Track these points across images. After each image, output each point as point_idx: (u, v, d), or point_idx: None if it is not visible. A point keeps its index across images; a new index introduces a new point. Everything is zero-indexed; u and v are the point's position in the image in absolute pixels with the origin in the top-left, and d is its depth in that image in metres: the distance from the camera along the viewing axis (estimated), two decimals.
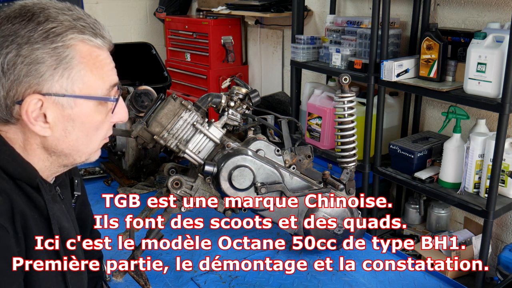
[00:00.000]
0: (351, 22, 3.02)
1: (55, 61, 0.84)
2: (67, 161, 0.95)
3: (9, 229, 0.82)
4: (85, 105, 0.89)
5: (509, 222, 2.70)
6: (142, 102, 1.94)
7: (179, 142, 1.39)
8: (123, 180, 2.03)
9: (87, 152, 0.96)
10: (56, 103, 0.86)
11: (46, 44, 0.84)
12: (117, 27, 5.00)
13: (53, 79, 0.85)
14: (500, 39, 2.18)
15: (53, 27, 0.84)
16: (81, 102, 0.88)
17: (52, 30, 0.84)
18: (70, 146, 0.92)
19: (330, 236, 1.47)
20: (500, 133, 2.18)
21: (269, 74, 4.39)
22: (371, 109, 2.77)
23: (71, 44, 0.86)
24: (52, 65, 0.84)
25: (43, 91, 0.85)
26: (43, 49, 0.83)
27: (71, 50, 0.86)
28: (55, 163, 0.94)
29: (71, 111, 0.88)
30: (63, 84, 0.86)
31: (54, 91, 0.85)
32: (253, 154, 1.38)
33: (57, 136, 0.89)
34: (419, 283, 1.43)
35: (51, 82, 0.85)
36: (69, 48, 0.85)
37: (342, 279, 1.44)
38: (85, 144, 0.93)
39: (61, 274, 0.94)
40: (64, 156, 0.93)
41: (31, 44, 0.83)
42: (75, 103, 0.88)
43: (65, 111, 0.87)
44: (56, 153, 0.92)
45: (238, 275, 1.45)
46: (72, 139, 0.91)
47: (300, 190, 1.43)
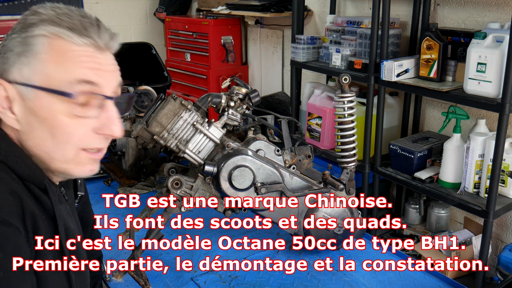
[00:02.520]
0: (351, 22, 3.02)
1: (21, 49, 0.86)
2: (45, 165, 0.91)
3: (21, 229, 0.83)
4: (46, 99, 0.85)
5: (509, 222, 2.70)
6: (142, 102, 1.95)
7: (179, 142, 1.39)
8: (123, 180, 2.03)
9: (60, 159, 0.90)
10: (19, 93, 0.86)
11: (20, 34, 0.86)
12: (117, 27, 5.00)
13: (14, 65, 0.86)
14: (500, 39, 2.18)
15: (31, 19, 0.87)
16: (40, 95, 0.85)
17: (28, 22, 0.87)
18: (37, 145, 0.89)
19: (330, 236, 1.47)
20: (500, 133, 2.18)
21: (269, 74, 4.39)
22: (371, 109, 2.77)
23: (41, 34, 0.85)
24: (18, 52, 0.86)
25: (9, 78, 0.86)
26: (16, 38, 0.86)
27: (39, 40, 0.85)
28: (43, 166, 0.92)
29: (32, 103, 0.86)
30: (24, 73, 0.85)
31: (14, 78, 0.86)
32: (253, 154, 1.38)
33: (25, 130, 0.88)
34: (419, 283, 1.43)
35: (13, 69, 0.86)
36: (38, 38, 0.85)
37: (342, 279, 1.44)
38: (53, 148, 0.89)
39: (65, 274, 0.94)
40: (39, 159, 0.90)
41: (11, 34, 0.87)
42: (35, 95, 0.85)
43: (27, 103, 0.86)
44: (31, 153, 0.90)
45: (238, 275, 1.45)
46: (37, 137, 0.88)
47: (300, 190, 1.43)
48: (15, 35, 0.87)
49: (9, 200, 0.83)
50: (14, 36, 0.87)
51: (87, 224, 1.26)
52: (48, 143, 0.88)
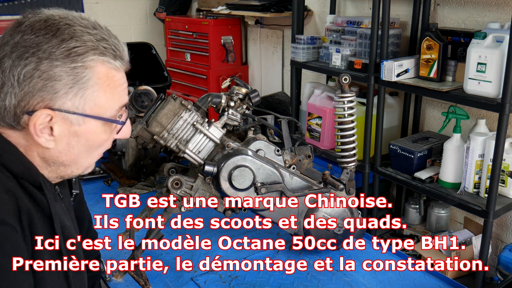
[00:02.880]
0: (351, 22, 3.02)
1: (72, 81, 0.86)
2: (65, 172, 0.96)
3: (17, 228, 0.83)
4: (93, 123, 0.91)
5: (509, 222, 2.70)
6: (142, 102, 1.95)
7: (179, 142, 1.39)
8: (123, 180, 2.03)
9: (84, 166, 0.98)
10: (65, 119, 0.88)
11: (66, 62, 0.85)
12: (117, 27, 5.00)
13: (66, 97, 0.86)
14: (500, 39, 2.18)
15: (75, 47, 0.85)
16: (89, 121, 0.90)
17: (74, 50, 0.85)
18: (71, 159, 0.94)
19: (330, 236, 1.47)
20: (500, 133, 2.18)
21: (269, 74, 4.39)
22: (371, 109, 2.77)
23: (90, 66, 0.87)
24: (68, 84, 0.86)
25: (54, 106, 0.86)
26: (62, 67, 0.85)
27: (90, 71, 0.87)
28: (53, 173, 0.95)
29: (78, 128, 0.90)
30: (75, 103, 0.87)
31: (66, 108, 0.87)
32: (253, 154, 1.38)
33: (60, 149, 0.91)
34: (419, 283, 1.43)
35: (64, 99, 0.86)
36: (88, 69, 0.87)
37: (342, 279, 1.44)
38: (85, 158, 0.96)
39: (63, 273, 0.95)
40: (63, 167, 0.95)
41: (52, 60, 0.84)
42: (83, 121, 0.90)
43: (72, 127, 0.89)
44: (55, 164, 0.94)
45: (238, 275, 1.45)
46: (74, 153, 0.93)
47: (300, 190, 1.43)
48: (58, 62, 0.84)
49: (5, 198, 0.84)
50: (58, 64, 0.84)
51: (83, 222, 1.26)
52: (82, 156, 0.94)
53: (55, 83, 0.85)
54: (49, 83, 0.84)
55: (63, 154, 0.92)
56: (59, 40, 0.84)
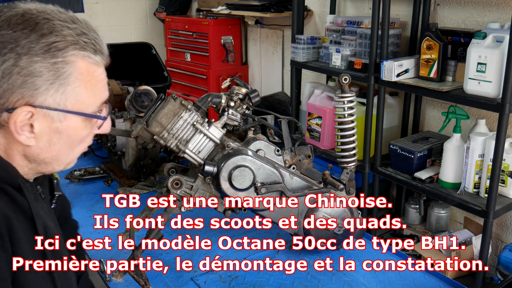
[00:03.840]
0: (351, 22, 3.02)
1: (53, 76, 0.84)
2: (46, 169, 0.95)
3: None
4: (74, 120, 0.89)
5: (509, 222, 2.70)
6: (142, 102, 1.95)
7: (179, 142, 1.39)
8: (123, 180, 2.03)
9: (66, 162, 0.96)
10: (46, 116, 0.86)
11: (46, 58, 0.83)
12: (117, 27, 5.00)
13: (47, 93, 0.84)
14: (500, 39, 2.18)
15: (55, 41, 0.83)
16: (70, 117, 0.88)
17: (54, 45, 0.83)
18: (52, 156, 0.92)
19: (330, 236, 1.47)
20: (500, 133, 2.18)
21: (269, 74, 4.39)
22: (371, 109, 2.77)
23: (71, 61, 0.85)
24: (49, 79, 0.84)
25: (35, 103, 0.84)
26: (42, 62, 0.82)
27: (70, 66, 0.85)
28: (33, 170, 0.94)
29: (59, 124, 0.88)
30: (57, 99, 0.85)
31: (47, 105, 0.85)
32: (253, 154, 1.38)
33: (41, 146, 0.89)
34: (419, 283, 1.43)
35: (45, 96, 0.84)
36: (69, 65, 0.85)
37: (342, 279, 1.44)
38: (66, 155, 0.94)
39: (49, 274, 0.93)
40: (44, 164, 0.93)
41: (31, 56, 0.82)
42: (65, 118, 0.88)
43: (54, 124, 0.87)
44: (36, 161, 0.92)
45: (238, 275, 1.45)
46: (55, 150, 0.91)
47: (300, 190, 1.43)
48: (38, 58, 0.82)
49: None
50: (37, 60, 0.82)
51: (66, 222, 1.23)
52: (63, 152, 0.93)
53: (35, 79, 0.82)
54: (29, 80, 0.82)
55: (44, 151, 0.90)
56: (38, 35, 0.82)
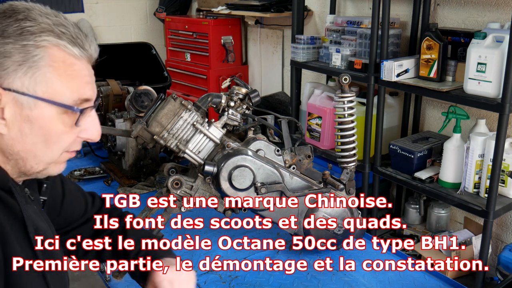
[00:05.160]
0: (351, 22, 3.02)
1: (22, 58, 0.83)
2: (25, 168, 0.91)
3: None
4: (46, 109, 0.86)
5: (509, 222, 2.70)
6: (142, 102, 1.95)
7: (179, 142, 1.39)
8: (123, 180, 2.03)
9: (44, 161, 0.92)
10: (16, 101, 0.84)
11: (18, 40, 0.83)
12: (117, 27, 5.00)
13: (15, 75, 0.83)
14: (500, 39, 2.18)
15: (29, 26, 0.83)
16: (41, 105, 0.86)
17: (27, 29, 0.83)
18: (26, 149, 0.88)
19: (330, 236, 1.47)
20: (500, 133, 2.18)
21: (269, 74, 4.39)
22: (371, 109, 2.77)
23: (42, 45, 0.84)
24: (18, 61, 0.83)
25: (3, 85, 0.83)
26: (13, 44, 0.82)
27: (41, 50, 0.84)
28: (15, 168, 0.91)
29: (30, 112, 0.85)
30: (25, 82, 0.84)
31: (15, 87, 0.83)
32: (253, 154, 1.38)
33: (13, 136, 0.86)
34: (419, 283, 1.43)
35: (13, 77, 0.83)
36: (40, 49, 0.84)
37: (342, 279, 1.44)
38: (42, 151, 0.90)
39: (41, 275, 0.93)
40: (21, 161, 0.90)
41: (4, 38, 0.82)
42: (35, 105, 0.85)
43: (24, 111, 0.85)
44: (12, 155, 0.89)
45: (238, 275, 1.45)
46: (28, 143, 0.88)
47: (300, 190, 1.43)
48: (10, 39, 0.82)
49: None
50: (8, 41, 0.82)
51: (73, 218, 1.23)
52: (38, 147, 0.89)
53: (4, 60, 0.82)
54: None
55: (17, 142, 0.87)
56: (13, 20, 0.83)
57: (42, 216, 1.03)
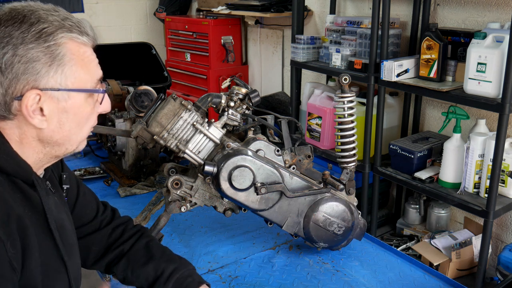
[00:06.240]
0: (351, 22, 3.02)
1: (49, 59, 0.91)
2: (60, 151, 1.00)
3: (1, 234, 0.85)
4: (77, 97, 0.96)
5: (509, 222, 2.70)
6: (142, 102, 1.94)
7: (179, 142, 1.39)
8: (123, 180, 2.03)
9: (77, 141, 1.02)
10: (52, 97, 0.93)
11: (40, 43, 0.90)
12: (117, 27, 5.00)
13: (48, 75, 0.91)
14: (500, 39, 2.18)
15: (44, 28, 0.91)
16: (73, 95, 0.96)
17: (44, 30, 0.90)
18: (64, 136, 0.98)
19: (330, 236, 1.47)
20: (500, 133, 2.18)
21: (269, 74, 4.39)
22: (371, 109, 2.77)
23: (62, 42, 0.92)
24: (47, 62, 0.91)
25: (40, 86, 0.91)
26: (37, 48, 0.90)
27: (63, 47, 0.92)
28: (48, 154, 0.99)
29: (65, 103, 0.95)
30: (58, 79, 0.92)
31: (50, 86, 0.92)
32: (253, 154, 1.38)
33: (52, 128, 0.95)
34: (419, 283, 1.43)
35: (47, 78, 0.91)
36: (61, 46, 0.92)
37: (342, 279, 1.44)
38: (76, 134, 1.00)
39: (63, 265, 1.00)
40: (57, 146, 0.99)
41: (26, 44, 0.89)
42: (68, 96, 0.95)
43: (60, 104, 0.94)
44: (50, 144, 0.98)
45: (238, 275, 1.45)
46: (66, 130, 0.97)
47: (300, 190, 1.43)
48: (32, 44, 0.89)
49: None
50: (32, 46, 0.89)
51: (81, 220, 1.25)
52: (73, 132, 0.99)
53: (35, 64, 0.90)
54: (29, 65, 0.89)
55: (56, 132, 0.96)
56: (27, 25, 0.90)
57: (64, 206, 1.10)
